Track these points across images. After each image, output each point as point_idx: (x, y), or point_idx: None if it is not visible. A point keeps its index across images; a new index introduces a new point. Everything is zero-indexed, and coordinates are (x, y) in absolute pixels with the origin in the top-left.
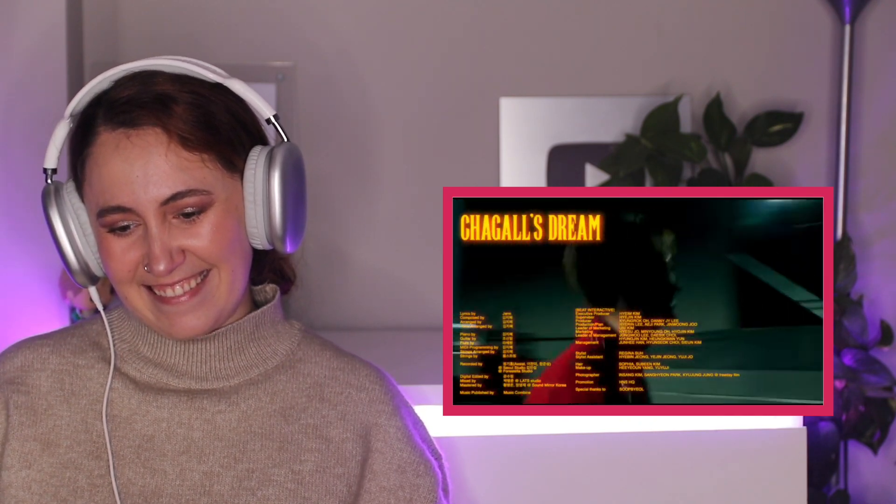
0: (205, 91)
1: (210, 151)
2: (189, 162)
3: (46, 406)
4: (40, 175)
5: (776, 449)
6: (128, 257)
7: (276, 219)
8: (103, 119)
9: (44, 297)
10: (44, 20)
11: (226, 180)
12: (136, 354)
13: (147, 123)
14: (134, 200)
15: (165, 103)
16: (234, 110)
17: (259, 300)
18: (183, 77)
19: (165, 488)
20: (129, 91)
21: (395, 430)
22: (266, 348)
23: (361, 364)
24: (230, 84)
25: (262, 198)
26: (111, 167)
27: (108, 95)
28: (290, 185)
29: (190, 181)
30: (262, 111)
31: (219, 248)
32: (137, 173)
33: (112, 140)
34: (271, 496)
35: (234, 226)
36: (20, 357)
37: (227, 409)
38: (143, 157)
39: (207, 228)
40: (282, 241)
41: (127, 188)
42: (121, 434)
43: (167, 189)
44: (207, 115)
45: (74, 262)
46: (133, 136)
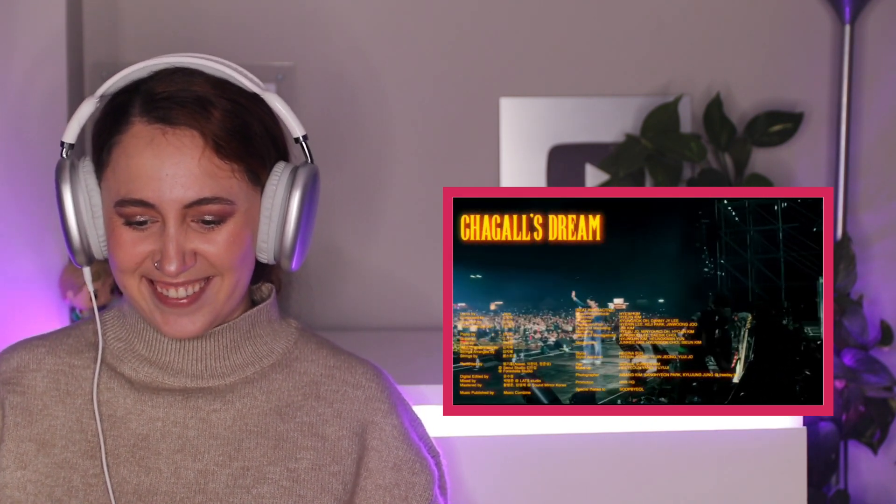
0: (243, 100)
1: (241, 162)
2: (220, 170)
3: (42, 406)
4: (43, 176)
5: (776, 449)
6: (137, 250)
7: (288, 238)
8: (140, 110)
9: (44, 297)
10: (44, 21)
11: (249, 192)
12: (133, 353)
13: (185, 124)
14: (158, 198)
15: (205, 106)
16: (267, 123)
17: (255, 299)
18: (223, 82)
19: (160, 486)
20: (170, 87)
21: (392, 427)
22: (262, 347)
23: (358, 362)
24: (267, 97)
25: (279, 215)
26: (141, 160)
27: (146, 85)
28: (307, 206)
29: (217, 189)
30: (294, 129)
31: (231, 258)
32: (168, 171)
33: (147, 133)
34: (266, 494)
35: (248, 237)
36: (16, 358)
37: (222, 407)
38: (177, 157)
39: (224, 237)
40: (289, 259)
41: (154, 184)
42: (116, 433)
43: (194, 193)
44: (244, 125)
45: (77, 241)
46: (170, 133)
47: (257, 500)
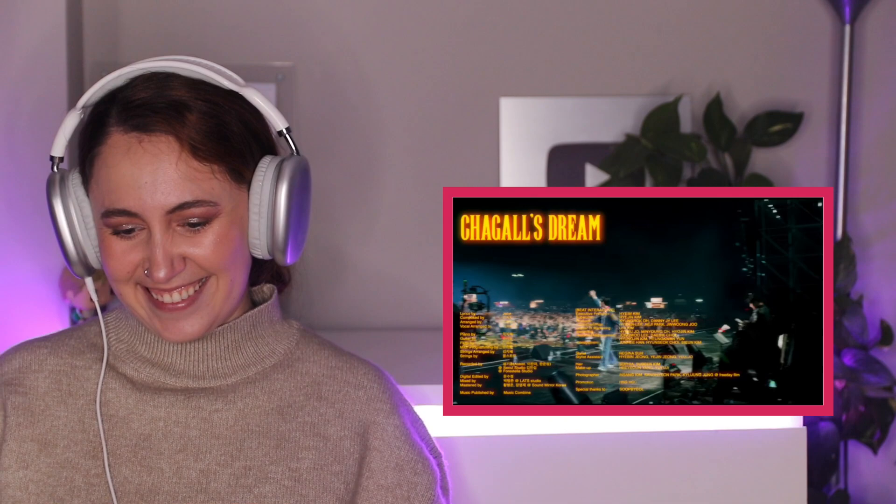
0: (219, 99)
1: (220, 163)
2: (199, 172)
3: (44, 407)
4: (41, 176)
5: (776, 449)
6: (128, 259)
7: (280, 232)
8: (116, 119)
9: (44, 297)
10: (44, 20)
11: (233, 191)
12: (134, 354)
13: (160, 130)
14: (140, 206)
15: (179, 111)
16: (246, 120)
17: (257, 300)
18: (199, 83)
19: (162, 486)
20: (145, 93)
21: (394, 428)
22: (264, 347)
23: (360, 362)
24: (245, 93)
25: (268, 210)
26: (120, 170)
27: (122, 94)
28: (296, 198)
29: (198, 191)
30: (276, 123)
31: (220, 258)
32: (146, 179)
33: (123, 143)
34: (268, 493)
35: (237, 236)
36: (18, 359)
37: (223, 407)
38: (153, 164)
39: (211, 238)
40: (283, 253)
41: (134, 193)
42: (118, 433)
43: (174, 198)
44: (220, 125)
45: (73, 252)
46: (145, 141)
47: (259, 500)
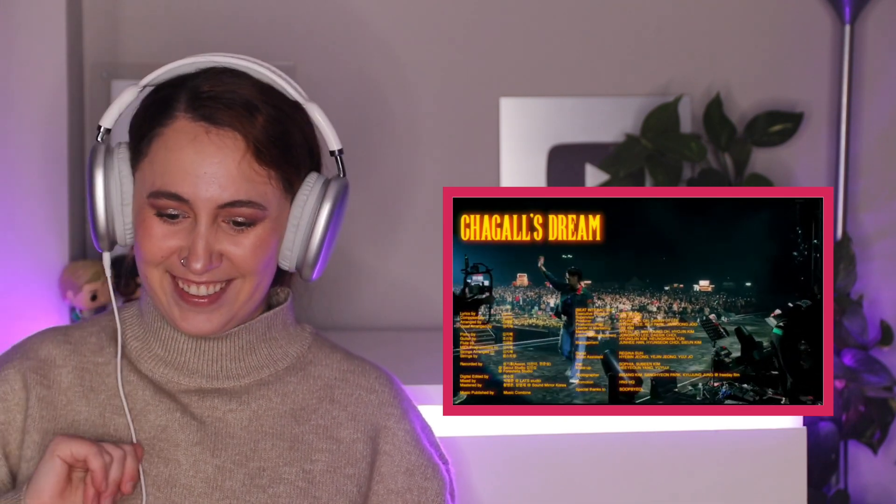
0: (286, 108)
1: (278, 169)
2: (257, 174)
3: (66, 402)
4: (41, 176)
5: (776, 449)
6: (166, 244)
7: (313, 248)
8: (185, 105)
9: (44, 297)
10: (44, 20)
11: (281, 200)
12: (150, 353)
13: (229, 125)
14: (194, 194)
15: (250, 111)
16: (306, 133)
17: (272, 302)
18: (268, 88)
19: (179, 478)
20: (216, 87)
21: (404, 433)
22: (277, 350)
23: (371, 367)
24: (309, 108)
25: (307, 225)
26: (182, 155)
27: (193, 82)
28: (335, 219)
29: (252, 192)
30: (332, 143)
31: (256, 262)
32: (206, 170)
33: (190, 129)
34: (282, 494)
35: (274, 244)
36: (45, 349)
37: (237, 407)
38: (217, 157)
39: (251, 240)
40: (311, 269)
41: (191, 180)
42: (136, 426)
43: (229, 194)
44: (285, 133)
45: (103, 225)
46: (213, 133)
47: (273, 500)
